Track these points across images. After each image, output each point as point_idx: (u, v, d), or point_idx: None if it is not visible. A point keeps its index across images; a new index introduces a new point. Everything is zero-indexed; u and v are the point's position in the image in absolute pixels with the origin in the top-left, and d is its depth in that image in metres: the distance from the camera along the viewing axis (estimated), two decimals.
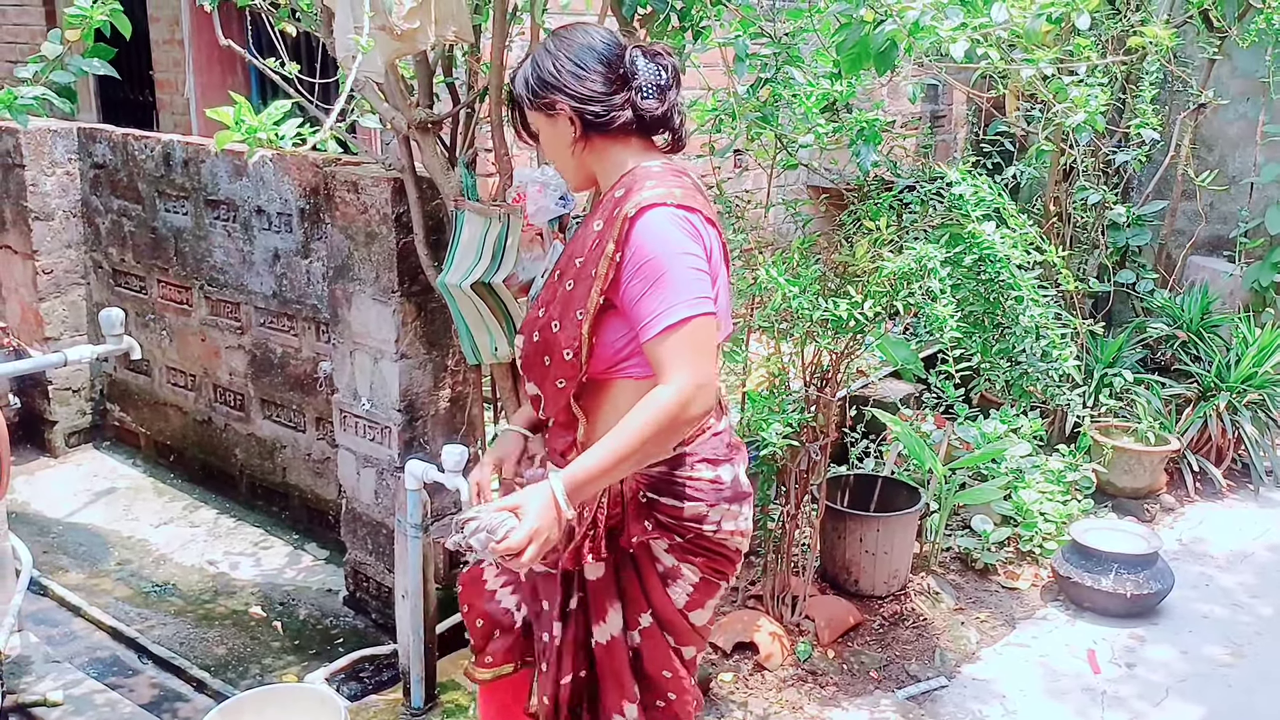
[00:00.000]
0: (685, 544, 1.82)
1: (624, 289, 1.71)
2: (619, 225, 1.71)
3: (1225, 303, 4.84)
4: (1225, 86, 4.91)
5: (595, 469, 1.66)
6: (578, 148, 1.81)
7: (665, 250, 1.68)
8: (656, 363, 1.69)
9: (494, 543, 1.60)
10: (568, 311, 1.77)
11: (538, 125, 1.84)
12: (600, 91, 1.76)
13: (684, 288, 1.68)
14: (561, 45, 1.79)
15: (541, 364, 1.83)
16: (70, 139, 4.07)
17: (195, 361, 3.91)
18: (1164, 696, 2.97)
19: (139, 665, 2.92)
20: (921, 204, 2.87)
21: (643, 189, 1.73)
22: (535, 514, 1.62)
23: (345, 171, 2.89)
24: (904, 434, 3.48)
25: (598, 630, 1.88)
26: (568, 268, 1.81)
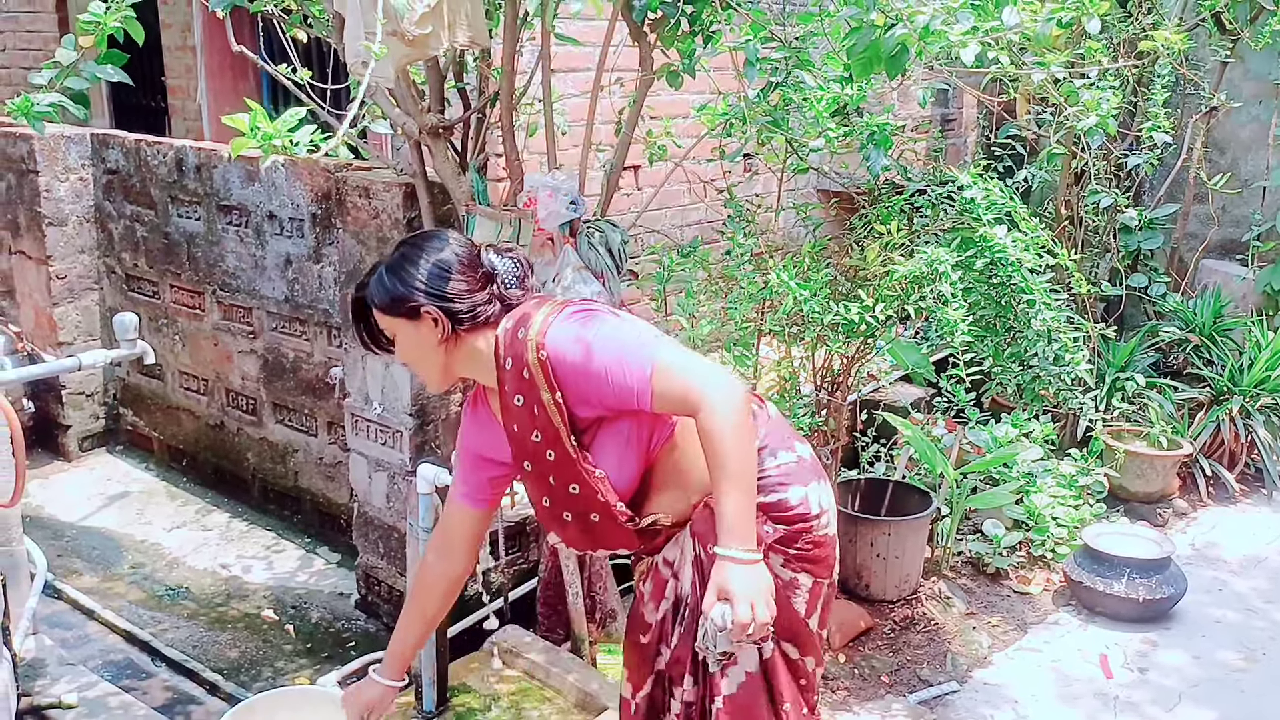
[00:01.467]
0: (799, 553, 1.84)
1: (592, 400, 1.74)
2: (540, 374, 1.73)
3: (1238, 306, 4.81)
4: (1237, 89, 4.89)
5: (737, 511, 1.68)
6: (444, 347, 1.82)
7: (587, 345, 1.73)
8: (675, 407, 1.72)
9: (728, 632, 1.65)
10: (570, 472, 1.79)
11: (393, 331, 1.84)
12: (464, 290, 1.80)
13: (628, 347, 1.72)
14: (418, 252, 1.82)
15: (591, 525, 1.85)
16: (84, 145, 4.10)
17: (208, 366, 3.93)
18: (1177, 702, 2.95)
19: (152, 668, 2.93)
20: (932, 208, 2.87)
21: (526, 339, 1.75)
22: (734, 582, 1.66)
23: (357, 177, 2.90)
24: (915, 438, 3.47)
25: (728, 680, 1.86)
26: (532, 449, 1.80)
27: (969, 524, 3.73)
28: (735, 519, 1.68)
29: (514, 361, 1.76)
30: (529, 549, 3.13)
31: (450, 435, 2.98)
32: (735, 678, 1.85)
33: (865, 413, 4.00)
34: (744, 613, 1.64)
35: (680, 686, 1.91)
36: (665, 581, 1.90)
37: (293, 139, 1.90)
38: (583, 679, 2.63)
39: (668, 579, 1.90)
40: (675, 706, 1.93)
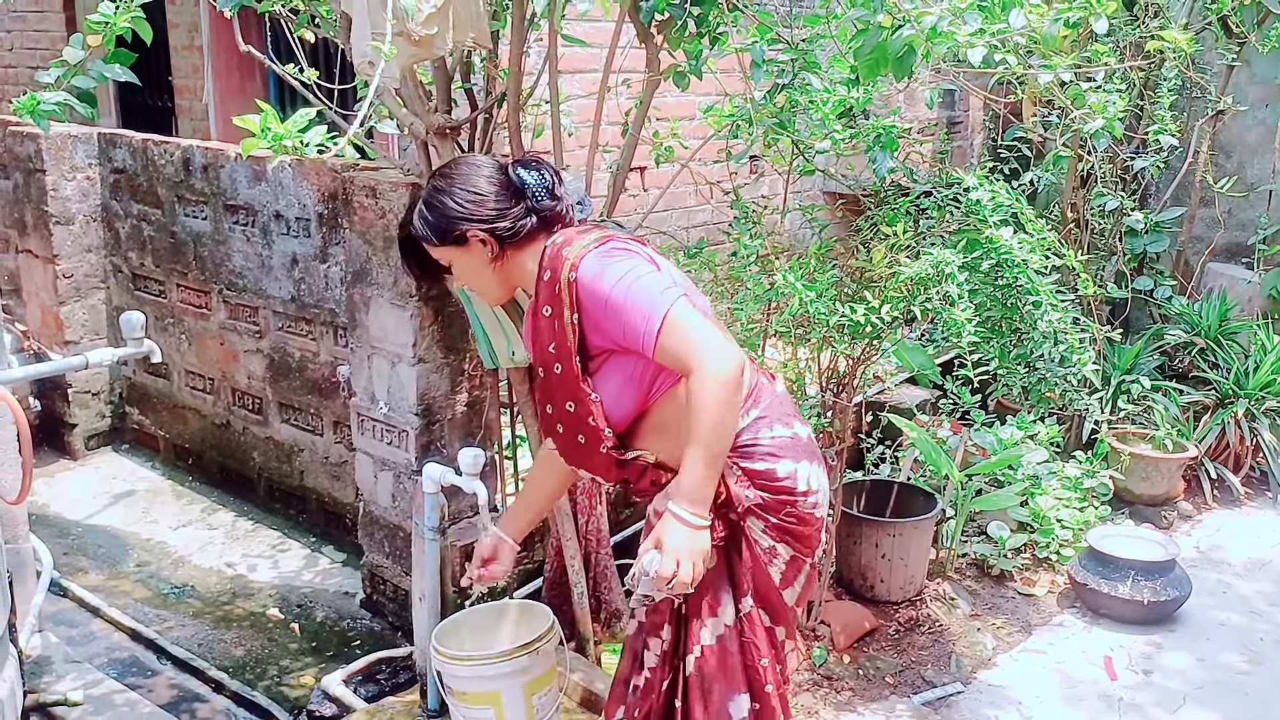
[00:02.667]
0: (780, 523, 1.91)
1: (604, 331, 1.84)
2: (567, 293, 1.84)
3: (1243, 310, 4.81)
4: (1244, 93, 4.88)
5: (697, 476, 1.78)
6: (496, 265, 1.96)
7: (614, 280, 1.82)
8: (673, 363, 1.81)
9: (653, 578, 1.75)
10: (571, 389, 1.89)
11: (448, 260, 1.99)
12: (502, 208, 1.93)
13: (646, 295, 1.80)
14: (449, 181, 1.95)
15: (578, 444, 1.94)
16: (90, 144, 4.11)
17: (214, 365, 3.94)
18: (1181, 704, 2.95)
19: (158, 666, 2.94)
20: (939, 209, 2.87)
21: (565, 257, 1.87)
22: (670, 537, 1.77)
23: (363, 177, 2.91)
24: (920, 440, 3.47)
25: (707, 630, 1.92)
26: (546, 358, 1.92)
27: (974, 526, 3.73)
28: (693, 484, 1.77)
29: (551, 275, 1.87)
30: (534, 549, 3.14)
31: (456, 435, 2.98)
32: (714, 629, 1.92)
33: (870, 415, 4.00)
34: (668, 566, 1.75)
35: (657, 637, 1.98)
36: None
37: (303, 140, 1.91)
38: (587, 678, 2.63)
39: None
40: (650, 660, 2.00)
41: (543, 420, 2.01)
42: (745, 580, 1.92)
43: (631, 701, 2.04)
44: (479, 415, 3.04)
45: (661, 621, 1.97)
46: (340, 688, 2.75)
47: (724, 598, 1.92)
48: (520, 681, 2.29)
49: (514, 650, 2.28)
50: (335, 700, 2.72)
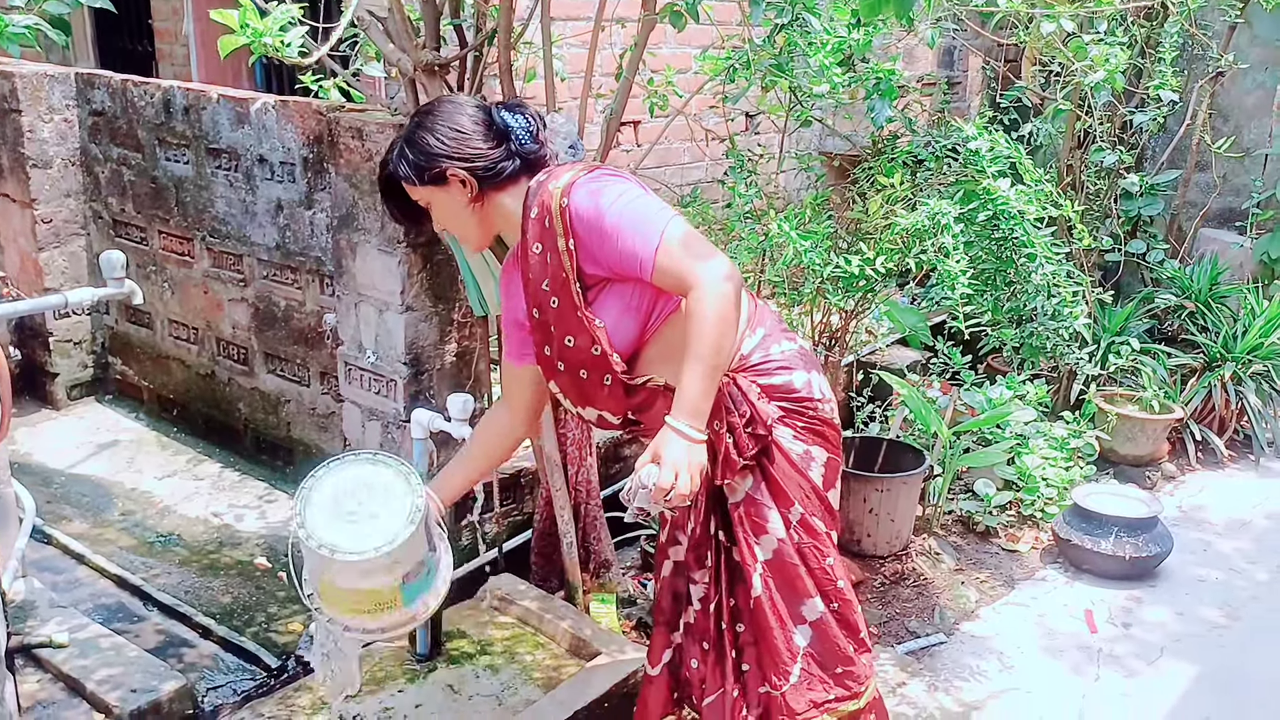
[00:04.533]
0: (807, 426, 1.92)
1: (600, 258, 1.82)
2: (560, 221, 1.81)
3: (1234, 274, 4.82)
4: (1245, 54, 4.84)
5: (695, 389, 1.76)
6: (475, 206, 1.92)
7: (607, 204, 1.80)
8: (672, 283, 1.80)
9: (650, 490, 1.72)
10: (570, 321, 1.87)
11: (427, 200, 1.94)
12: (484, 148, 1.89)
13: (641, 216, 1.79)
14: (431, 119, 1.91)
15: (580, 380, 1.92)
16: (68, 84, 4.01)
17: (198, 314, 3.89)
18: (1159, 655, 2.99)
19: (144, 612, 2.92)
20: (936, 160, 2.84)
21: (552, 189, 1.84)
22: (668, 449, 1.74)
23: (349, 118, 2.85)
24: (910, 397, 3.47)
25: (760, 548, 1.92)
26: (540, 297, 1.89)
27: (961, 483, 3.75)
28: (693, 397, 1.76)
29: (539, 209, 1.84)
30: (524, 500, 3.13)
31: (445, 385, 2.96)
32: (768, 545, 1.92)
33: (862, 373, 4.00)
34: (666, 477, 1.73)
35: (701, 569, 1.99)
36: None
37: (284, 40, 1.86)
38: (576, 625, 2.63)
39: None
40: (696, 591, 2.00)
41: (541, 362, 1.98)
42: (789, 489, 1.92)
43: (686, 641, 2.04)
44: (468, 365, 3.01)
45: (705, 552, 1.97)
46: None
47: (768, 513, 1.91)
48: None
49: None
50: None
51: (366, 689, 2.48)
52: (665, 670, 2.09)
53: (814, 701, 1.93)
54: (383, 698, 2.46)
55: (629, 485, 1.77)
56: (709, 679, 2.01)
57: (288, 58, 1.92)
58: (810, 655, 1.94)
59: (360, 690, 2.30)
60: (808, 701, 1.92)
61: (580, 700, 2.36)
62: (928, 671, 2.86)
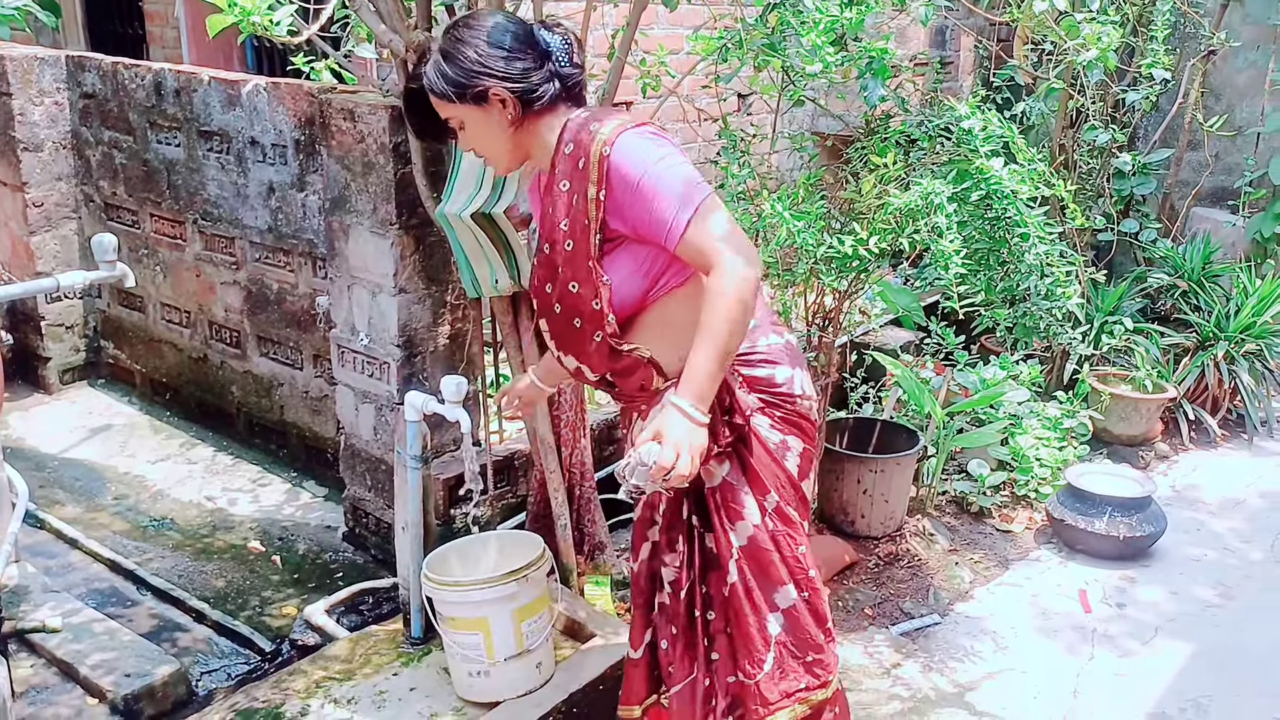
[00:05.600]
0: (784, 417, 1.93)
1: (627, 216, 1.78)
2: (595, 168, 1.77)
3: (1227, 253, 4.82)
4: (1236, 33, 4.83)
5: (705, 371, 1.74)
6: (513, 130, 1.85)
7: (648, 164, 1.75)
8: (696, 257, 1.77)
9: (649, 469, 1.70)
10: (579, 268, 1.83)
11: (460, 119, 1.85)
12: (529, 68, 1.81)
13: (681, 185, 1.75)
14: (474, 33, 1.81)
15: (572, 329, 1.89)
16: (59, 67, 3.98)
17: (190, 298, 3.87)
18: (1153, 635, 3.01)
19: (138, 596, 2.92)
20: (929, 140, 2.83)
21: (596, 131, 1.79)
22: (672, 429, 1.72)
23: (341, 99, 2.83)
24: (904, 377, 3.47)
25: (735, 534, 1.92)
26: (555, 234, 1.86)
27: (954, 464, 3.76)
28: (701, 378, 1.74)
29: (575, 148, 1.80)
30: (517, 483, 3.13)
31: (438, 367, 2.95)
32: (743, 531, 1.92)
33: (855, 354, 4.00)
34: (668, 456, 1.70)
35: (672, 552, 1.98)
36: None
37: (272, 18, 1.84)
38: (570, 607, 2.64)
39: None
40: (667, 575, 2.00)
41: (539, 297, 1.94)
42: (764, 477, 1.92)
43: (660, 621, 2.04)
44: (462, 348, 3.00)
45: (677, 536, 1.97)
46: (323, 617, 2.75)
47: (744, 499, 1.91)
48: (509, 608, 2.29)
49: (502, 575, 2.28)
50: (318, 629, 2.72)
51: (360, 672, 2.49)
52: (647, 651, 2.09)
53: (786, 691, 1.93)
54: (377, 681, 2.46)
55: (626, 461, 1.75)
56: (677, 666, 2.00)
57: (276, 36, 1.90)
58: (783, 644, 1.95)
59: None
60: (780, 691, 1.93)
61: (574, 683, 2.36)
62: (922, 652, 2.87)
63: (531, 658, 2.34)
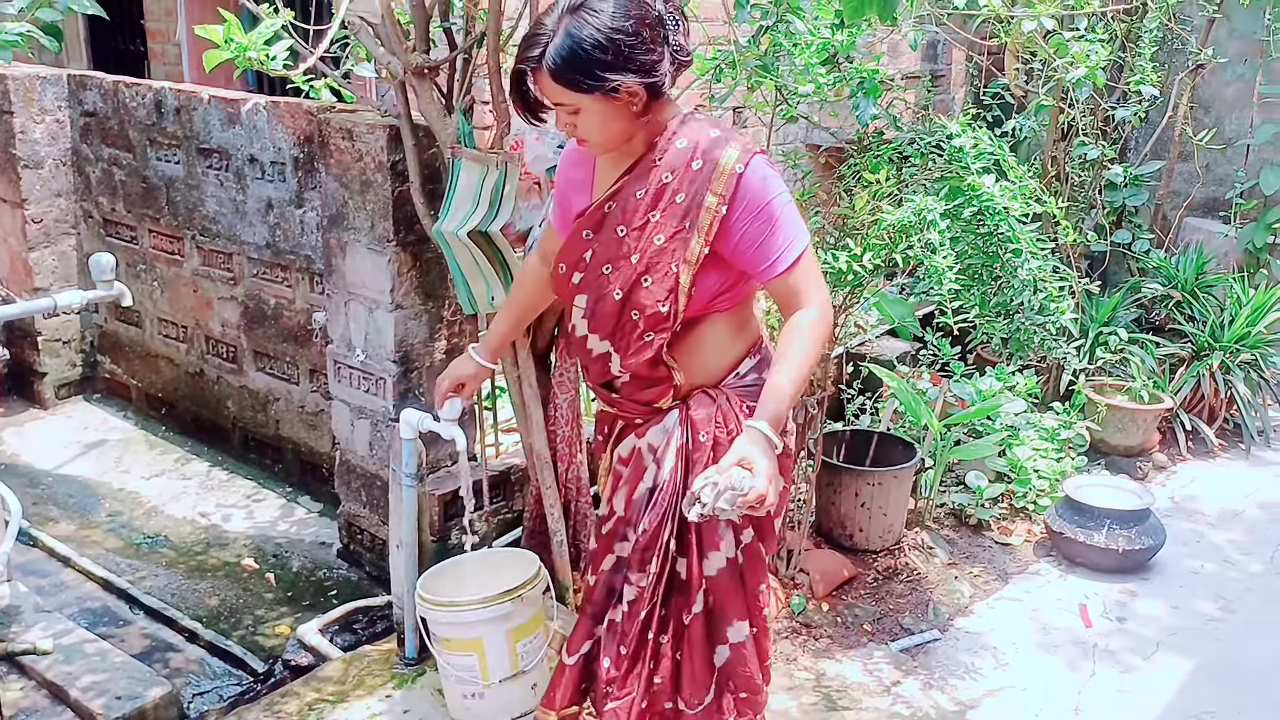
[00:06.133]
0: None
1: (739, 235, 1.79)
2: (723, 180, 1.76)
3: (1220, 263, 4.84)
4: (1223, 48, 4.87)
5: (787, 399, 1.77)
6: (636, 119, 1.77)
7: (774, 193, 1.79)
8: (789, 291, 1.81)
9: (741, 497, 1.67)
10: (659, 265, 1.81)
11: (580, 105, 1.74)
12: (659, 58, 1.73)
13: (796, 222, 1.81)
14: (603, 18, 1.69)
15: (626, 320, 1.86)
16: (60, 86, 3.99)
17: (187, 313, 3.87)
18: (1154, 650, 3.00)
19: (130, 616, 2.91)
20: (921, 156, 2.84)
21: (728, 143, 1.79)
22: (764, 459, 1.70)
23: (340, 118, 2.84)
24: (900, 390, 3.47)
25: (709, 563, 1.92)
26: (635, 219, 1.82)
27: (952, 476, 3.75)
28: (783, 408, 1.76)
29: (691, 147, 1.79)
30: (513, 498, 3.12)
31: (434, 381, 2.95)
32: (717, 563, 1.92)
33: (851, 365, 4.00)
34: (762, 485, 1.68)
35: (639, 572, 1.94)
36: (645, 469, 1.94)
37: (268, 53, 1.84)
38: (565, 624, 2.62)
39: (648, 465, 1.94)
40: (629, 593, 1.96)
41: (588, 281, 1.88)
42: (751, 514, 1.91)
43: (607, 638, 2.01)
44: None
45: (650, 557, 1.94)
46: (316, 637, 2.74)
47: (723, 531, 1.91)
48: (504, 628, 2.28)
49: (496, 596, 2.27)
50: (311, 649, 2.71)
51: (354, 694, 2.48)
52: (581, 661, 2.06)
53: None
54: (370, 703, 2.45)
55: (709, 484, 1.68)
56: (617, 685, 1.96)
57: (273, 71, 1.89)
58: (724, 678, 1.97)
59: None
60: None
61: None
62: (922, 669, 2.86)
63: (527, 679, 2.33)
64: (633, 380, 1.92)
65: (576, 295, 1.92)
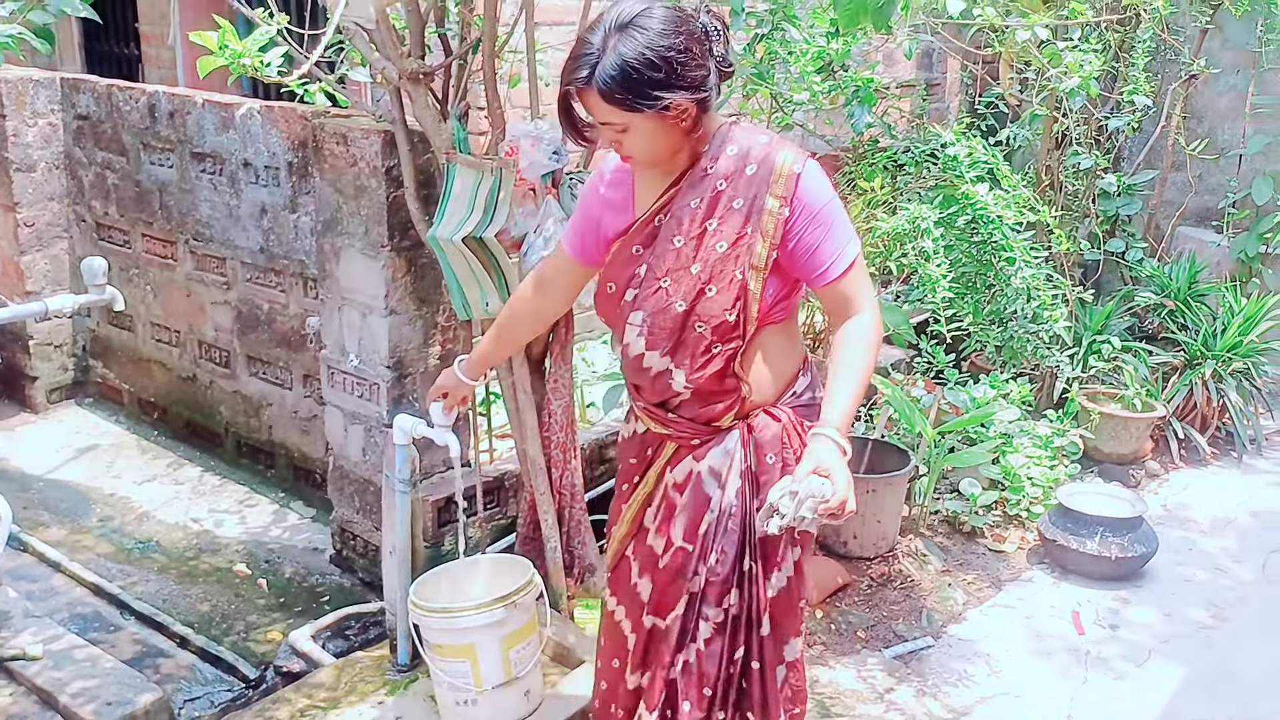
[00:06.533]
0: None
1: (797, 239, 1.78)
2: (783, 183, 1.75)
3: (1212, 272, 4.86)
4: (1216, 58, 4.89)
5: (853, 406, 1.76)
6: (686, 135, 1.75)
7: (829, 197, 1.80)
8: (844, 297, 1.80)
9: (823, 505, 1.65)
10: (724, 273, 1.77)
11: (629, 124, 1.71)
12: (707, 73, 1.71)
13: (848, 227, 1.81)
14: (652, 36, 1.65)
15: (688, 331, 1.80)
16: (53, 89, 3.99)
17: (180, 317, 3.86)
18: (1147, 657, 3.00)
19: (121, 621, 2.89)
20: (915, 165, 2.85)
21: (777, 145, 1.80)
22: (841, 467, 1.69)
23: (334, 123, 2.84)
24: (894, 397, 3.47)
25: (773, 581, 1.90)
26: (695, 230, 1.79)
27: (946, 483, 3.75)
28: (849, 415, 1.75)
29: (741, 153, 1.78)
30: (507, 504, 3.12)
31: (427, 388, 2.94)
32: (778, 582, 1.90)
33: None
34: (842, 489, 1.66)
35: (717, 606, 1.87)
36: (708, 496, 1.86)
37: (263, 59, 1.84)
38: (560, 632, 2.62)
39: (710, 492, 1.86)
40: (704, 630, 1.88)
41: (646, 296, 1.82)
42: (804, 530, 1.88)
43: (684, 681, 1.88)
44: None
45: (729, 589, 1.86)
46: (308, 643, 2.73)
47: (785, 550, 1.89)
48: (497, 634, 2.27)
49: (489, 602, 2.26)
50: (303, 655, 2.69)
51: (346, 700, 2.46)
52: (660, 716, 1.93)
53: None
54: (362, 710, 2.44)
55: (787, 494, 1.65)
56: None
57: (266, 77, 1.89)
58: (784, 697, 1.95)
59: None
60: None
61: (564, 711, 2.35)
62: (916, 676, 2.86)
63: (520, 685, 2.32)
64: (695, 397, 1.84)
65: (631, 313, 1.85)
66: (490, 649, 2.28)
